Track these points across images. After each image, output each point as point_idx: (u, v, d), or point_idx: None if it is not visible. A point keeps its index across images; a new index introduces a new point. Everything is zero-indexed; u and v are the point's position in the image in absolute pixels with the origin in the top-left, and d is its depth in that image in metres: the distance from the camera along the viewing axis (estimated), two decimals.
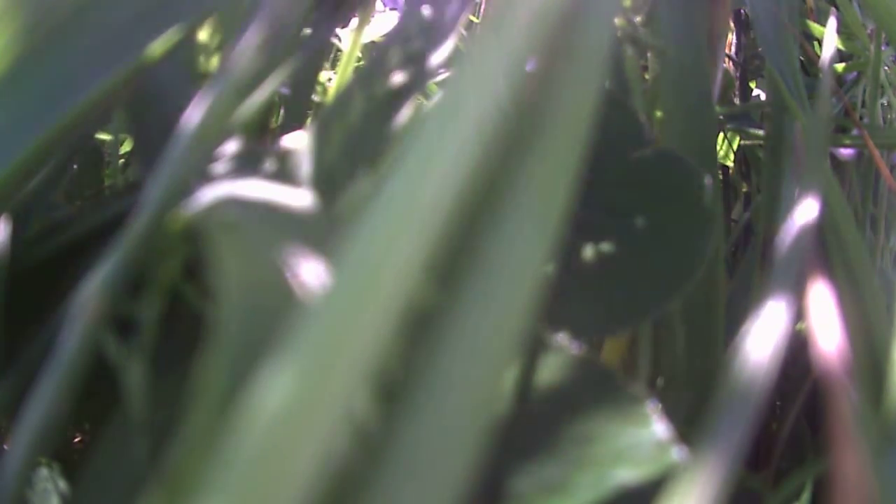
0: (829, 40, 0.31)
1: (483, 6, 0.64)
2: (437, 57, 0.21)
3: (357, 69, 0.35)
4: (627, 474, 0.15)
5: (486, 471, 0.11)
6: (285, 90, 0.29)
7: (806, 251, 0.20)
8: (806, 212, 0.21)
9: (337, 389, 0.09)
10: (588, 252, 0.22)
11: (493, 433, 0.11)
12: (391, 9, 0.57)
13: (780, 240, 0.20)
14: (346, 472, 0.10)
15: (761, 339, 0.16)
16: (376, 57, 0.22)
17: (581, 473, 0.15)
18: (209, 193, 0.16)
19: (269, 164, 0.19)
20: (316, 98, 0.39)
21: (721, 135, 0.49)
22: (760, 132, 0.40)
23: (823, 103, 0.27)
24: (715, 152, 0.29)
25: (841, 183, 0.41)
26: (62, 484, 0.19)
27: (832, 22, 0.33)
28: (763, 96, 0.50)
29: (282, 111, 0.31)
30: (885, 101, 0.47)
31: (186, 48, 0.24)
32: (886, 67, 0.46)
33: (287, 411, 0.09)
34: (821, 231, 0.23)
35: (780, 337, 0.16)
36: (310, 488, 0.09)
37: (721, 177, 0.49)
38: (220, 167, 0.18)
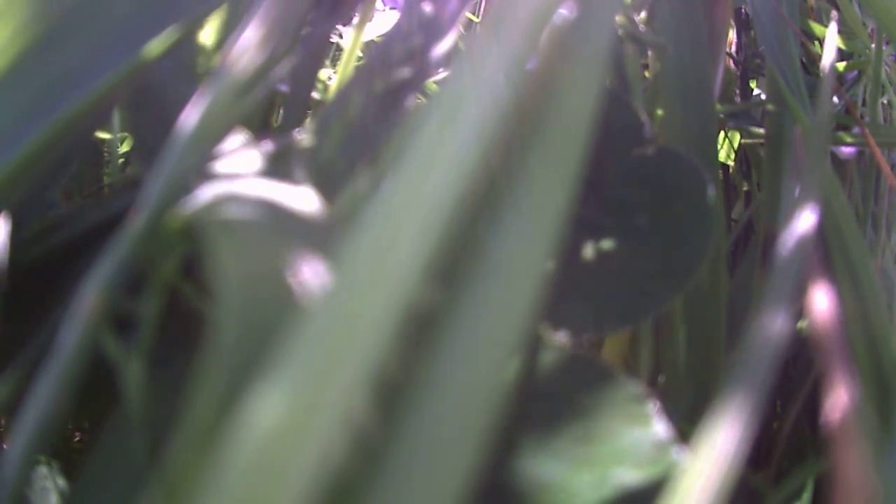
0: (831, 39, 0.31)
1: (483, 5, 0.64)
2: (437, 56, 0.21)
3: (357, 67, 0.35)
4: (628, 474, 0.15)
5: (486, 471, 0.11)
6: (285, 88, 0.29)
7: (807, 250, 0.20)
8: (807, 211, 0.21)
9: (336, 391, 0.09)
10: (589, 250, 0.22)
11: (494, 433, 0.11)
12: (391, 8, 0.57)
13: (781, 238, 0.20)
14: (346, 474, 0.10)
15: (762, 338, 0.16)
16: (376, 55, 0.22)
17: (581, 473, 0.15)
18: (208, 191, 0.16)
19: (269, 162, 0.19)
20: (316, 96, 0.39)
21: (722, 133, 0.48)
22: (761, 131, 0.40)
23: (824, 102, 0.27)
24: (716, 150, 0.29)
25: (842, 181, 0.41)
26: (61, 482, 0.19)
27: (834, 21, 0.33)
28: (764, 95, 0.50)
29: (282, 109, 0.31)
30: (885, 100, 0.47)
31: (186, 46, 0.24)
32: (887, 66, 0.46)
33: (286, 414, 0.09)
34: (822, 230, 0.23)
35: (780, 336, 0.16)
36: (308, 492, 0.09)
37: (722, 175, 0.49)
38: (219, 165, 0.18)
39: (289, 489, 0.09)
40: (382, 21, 0.54)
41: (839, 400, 0.16)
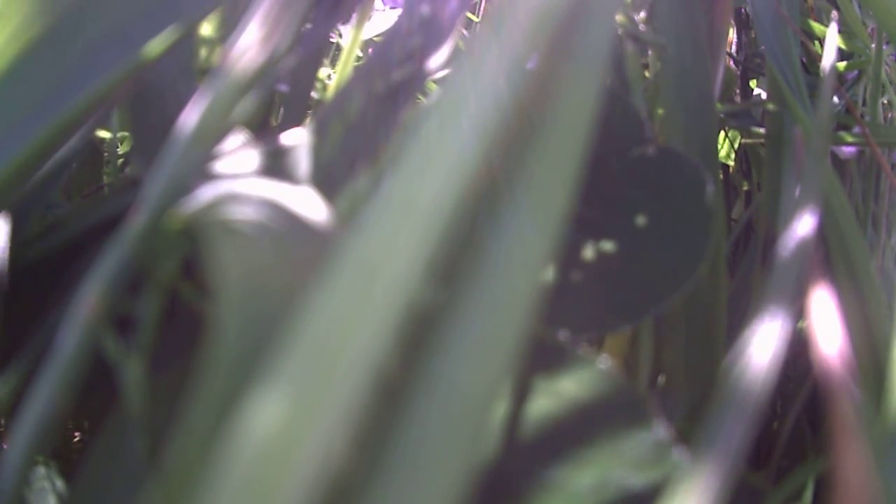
0: (831, 39, 0.31)
1: (483, 5, 0.64)
2: (437, 55, 0.21)
3: (357, 67, 0.35)
4: (628, 475, 0.15)
5: (486, 472, 0.11)
6: (285, 87, 0.29)
7: (807, 250, 0.20)
8: (807, 211, 0.21)
9: (336, 392, 0.09)
10: (588, 250, 0.22)
11: (494, 435, 0.11)
12: (391, 7, 0.57)
13: (781, 238, 0.20)
14: (345, 475, 0.10)
15: (762, 338, 0.16)
16: (376, 54, 0.22)
17: (581, 474, 0.15)
18: (208, 191, 0.16)
19: (269, 162, 0.19)
20: (315, 95, 0.39)
21: (722, 133, 0.48)
22: (761, 131, 0.40)
23: (824, 102, 0.27)
24: (716, 150, 0.29)
25: (842, 181, 0.41)
26: (60, 483, 0.19)
27: (834, 20, 0.33)
28: (764, 95, 0.50)
29: (282, 109, 0.31)
30: (885, 100, 0.47)
31: (186, 45, 0.24)
32: (887, 66, 0.46)
33: (286, 415, 0.09)
34: (822, 230, 0.23)
35: (780, 336, 0.16)
36: (308, 493, 0.09)
37: (722, 175, 0.49)
38: (219, 165, 0.18)
39: (289, 490, 0.09)
40: (382, 20, 0.54)
41: (839, 400, 0.16)
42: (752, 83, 0.52)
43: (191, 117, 0.17)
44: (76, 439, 0.27)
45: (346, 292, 0.10)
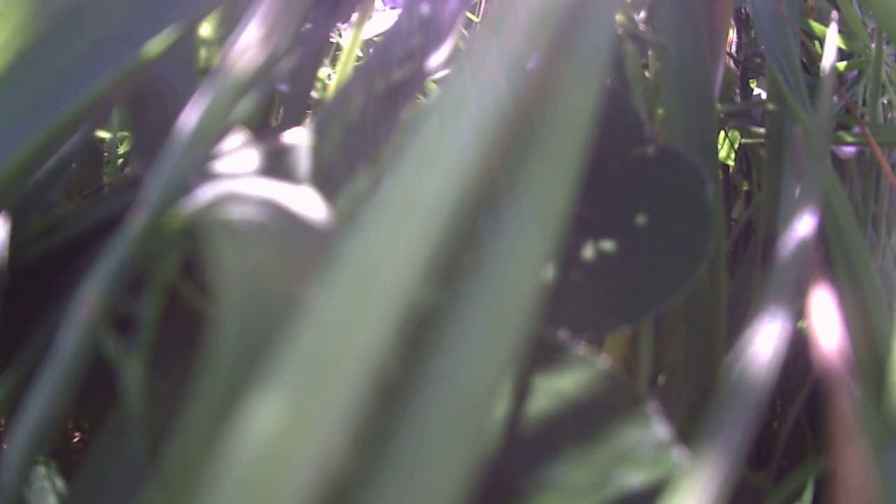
0: (832, 39, 0.31)
1: (483, 5, 0.64)
2: (437, 55, 0.21)
3: (357, 67, 0.35)
4: (628, 475, 0.15)
5: (486, 472, 0.11)
6: (285, 87, 0.28)
7: (807, 250, 0.20)
8: (807, 211, 0.21)
9: (336, 392, 0.09)
10: (588, 249, 0.22)
11: (494, 435, 0.11)
12: (391, 7, 0.57)
13: (781, 238, 0.20)
14: (345, 476, 0.10)
15: (762, 338, 0.16)
16: (376, 54, 0.22)
17: (581, 474, 0.15)
18: (208, 191, 0.16)
19: (269, 162, 0.19)
20: (315, 95, 0.39)
21: (722, 133, 0.48)
22: (761, 130, 0.40)
23: (824, 101, 0.27)
24: (716, 150, 0.29)
25: (842, 181, 0.41)
26: (60, 482, 0.19)
27: (834, 20, 0.33)
28: (764, 95, 0.50)
29: (282, 108, 0.31)
30: (885, 100, 0.47)
31: (186, 45, 0.24)
32: (887, 66, 0.46)
33: (285, 415, 0.09)
34: (822, 230, 0.23)
35: (780, 335, 0.16)
36: (308, 493, 0.09)
37: (722, 175, 0.49)
38: (219, 165, 0.18)
39: (288, 490, 0.09)
40: (382, 20, 0.54)
41: (839, 400, 0.16)
42: (752, 83, 0.52)
43: (191, 117, 0.17)
44: (76, 439, 0.27)
45: (346, 292, 0.10)
